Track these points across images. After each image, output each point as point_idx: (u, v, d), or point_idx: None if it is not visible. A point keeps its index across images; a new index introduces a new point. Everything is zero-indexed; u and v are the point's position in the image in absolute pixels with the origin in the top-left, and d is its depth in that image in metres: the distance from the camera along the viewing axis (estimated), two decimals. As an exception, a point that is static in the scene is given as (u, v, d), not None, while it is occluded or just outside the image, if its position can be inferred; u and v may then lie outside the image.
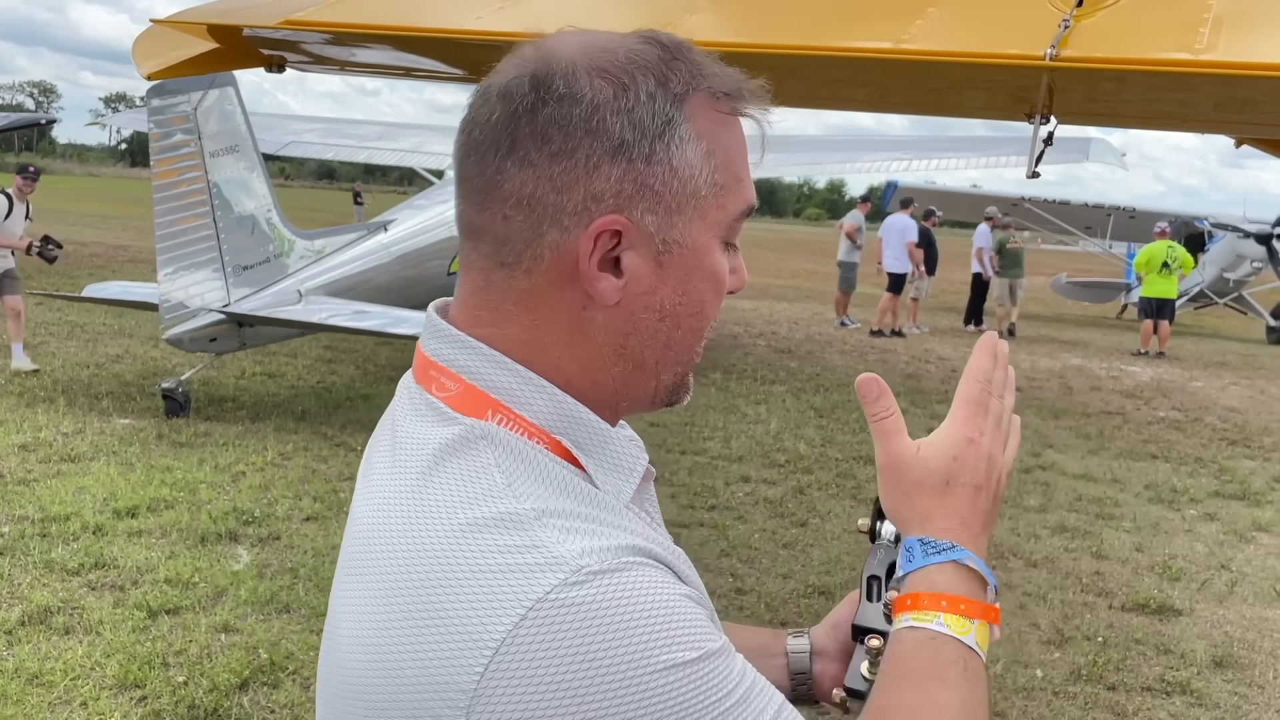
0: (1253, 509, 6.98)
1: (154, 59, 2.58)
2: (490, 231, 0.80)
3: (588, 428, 0.81)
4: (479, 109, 0.81)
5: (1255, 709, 4.13)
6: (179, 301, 7.32)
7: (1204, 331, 20.04)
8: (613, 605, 0.68)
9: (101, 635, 4.06)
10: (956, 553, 0.84)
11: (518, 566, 0.69)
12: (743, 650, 0.99)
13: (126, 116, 25.16)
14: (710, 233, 0.81)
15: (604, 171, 0.77)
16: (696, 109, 0.80)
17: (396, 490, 0.78)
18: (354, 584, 0.78)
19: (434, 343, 0.84)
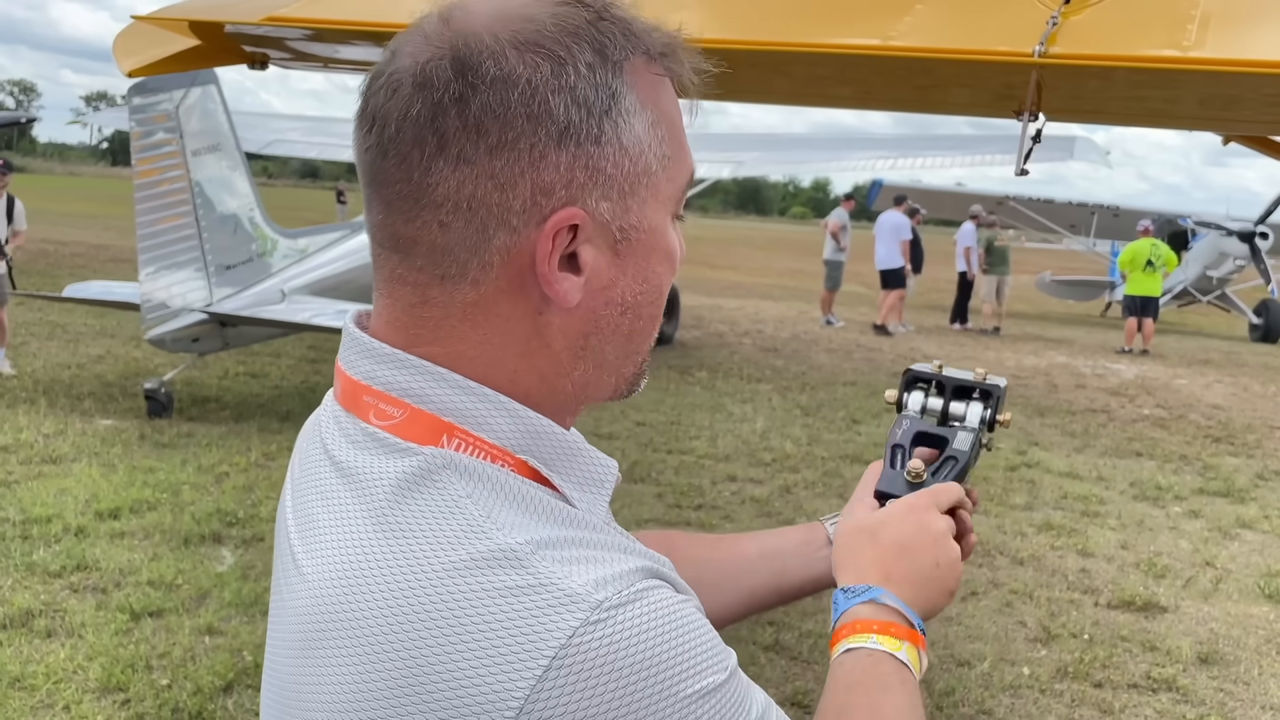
0: (1237, 506, 7.01)
1: (135, 56, 2.54)
2: (424, 242, 0.71)
3: (553, 441, 0.73)
4: (389, 101, 0.70)
5: (1241, 705, 4.15)
6: (161, 301, 7.27)
7: (1188, 329, 20.17)
8: (639, 641, 0.63)
9: (84, 638, 4.02)
10: (872, 592, 0.88)
11: (530, 610, 0.62)
12: (783, 553, 1.07)
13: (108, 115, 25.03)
14: (663, 210, 0.75)
15: (551, 160, 0.69)
16: (636, 75, 0.72)
17: (357, 538, 0.68)
18: (326, 656, 0.67)
19: (364, 364, 0.74)
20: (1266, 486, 7.60)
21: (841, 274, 16.30)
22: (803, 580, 1.05)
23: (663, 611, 0.65)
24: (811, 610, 4.72)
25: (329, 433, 0.76)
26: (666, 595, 0.66)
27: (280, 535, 0.79)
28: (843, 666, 0.84)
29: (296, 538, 0.74)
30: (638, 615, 0.63)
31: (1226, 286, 19.71)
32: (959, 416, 1.07)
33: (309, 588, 0.70)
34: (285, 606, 0.73)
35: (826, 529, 1.07)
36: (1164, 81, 1.87)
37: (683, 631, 0.65)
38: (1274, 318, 18.58)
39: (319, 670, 0.68)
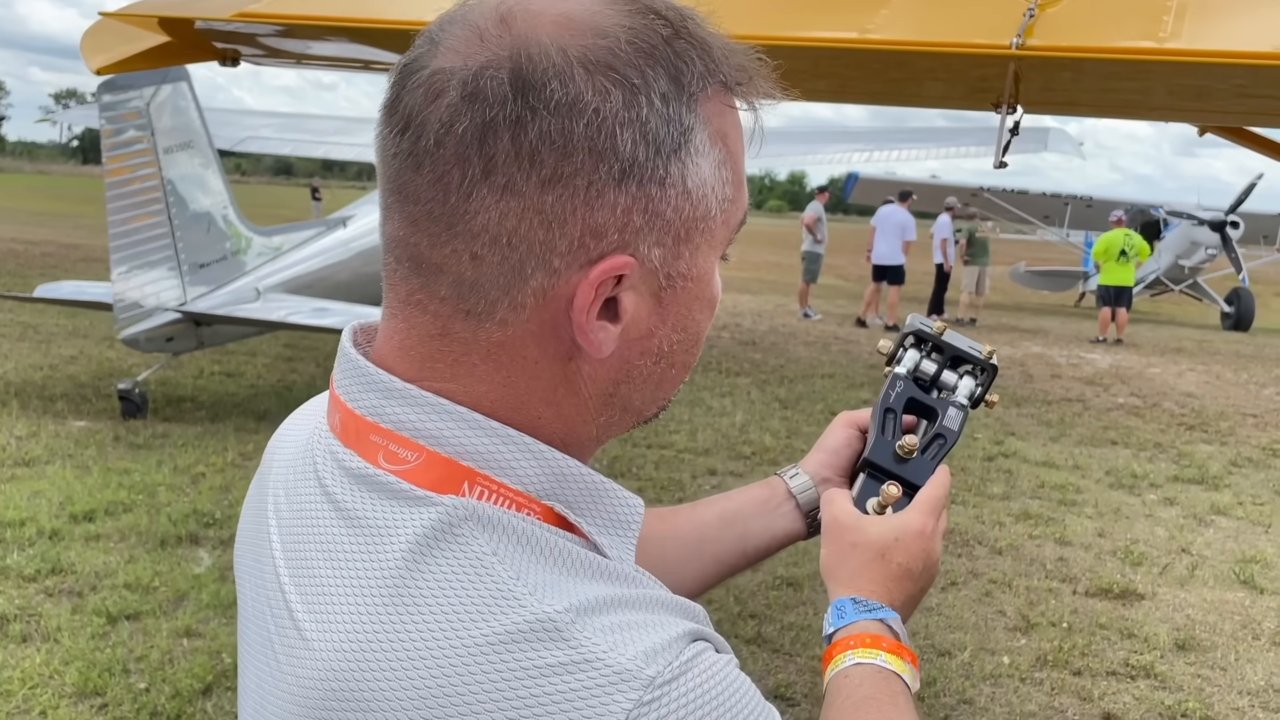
0: (1211, 493, 7.09)
1: (103, 53, 2.50)
2: (451, 271, 0.63)
3: (579, 484, 0.67)
4: (428, 106, 0.62)
5: (1218, 690, 4.19)
6: (134, 301, 7.19)
7: (1161, 318, 20.36)
8: (694, 716, 0.59)
9: (60, 642, 3.98)
10: (884, 612, 0.88)
11: (578, 692, 0.57)
12: (745, 515, 1.03)
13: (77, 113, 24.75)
14: (714, 255, 0.69)
15: (608, 200, 0.62)
16: (709, 106, 0.65)
17: (372, 606, 0.61)
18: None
19: (370, 398, 0.66)
20: (1240, 473, 7.69)
21: (819, 266, 16.33)
22: (768, 540, 1.03)
23: (713, 680, 0.61)
24: (793, 603, 4.74)
25: (327, 471, 0.68)
26: (712, 660, 0.63)
27: (260, 574, 0.72)
28: (850, 679, 0.82)
29: (294, 593, 0.66)
30: (691, 689, 0.59)
31: (1198, 275, 19.91)
32: (949, 386, 1.04)
33: (316, 658, 0.63)
34: (280, 669, 0.66)
35: (786, 482, 1.04)
36: (1140, 73, 1.88)
37: (734, 699, 0.62)
38: (1245, 306, 18.81)
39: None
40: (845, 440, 1.04)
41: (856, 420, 1.06)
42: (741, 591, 4.84)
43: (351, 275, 8.68)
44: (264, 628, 0.70)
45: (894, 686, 0.82)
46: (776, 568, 5.14)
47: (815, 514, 1.02)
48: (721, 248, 0.71)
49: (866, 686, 0.81)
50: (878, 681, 0.82)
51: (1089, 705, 4.01)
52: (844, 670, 0.83)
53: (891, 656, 0.83)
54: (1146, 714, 3.97)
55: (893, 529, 0.91)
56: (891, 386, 1.03)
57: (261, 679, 0.69)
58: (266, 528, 0.72)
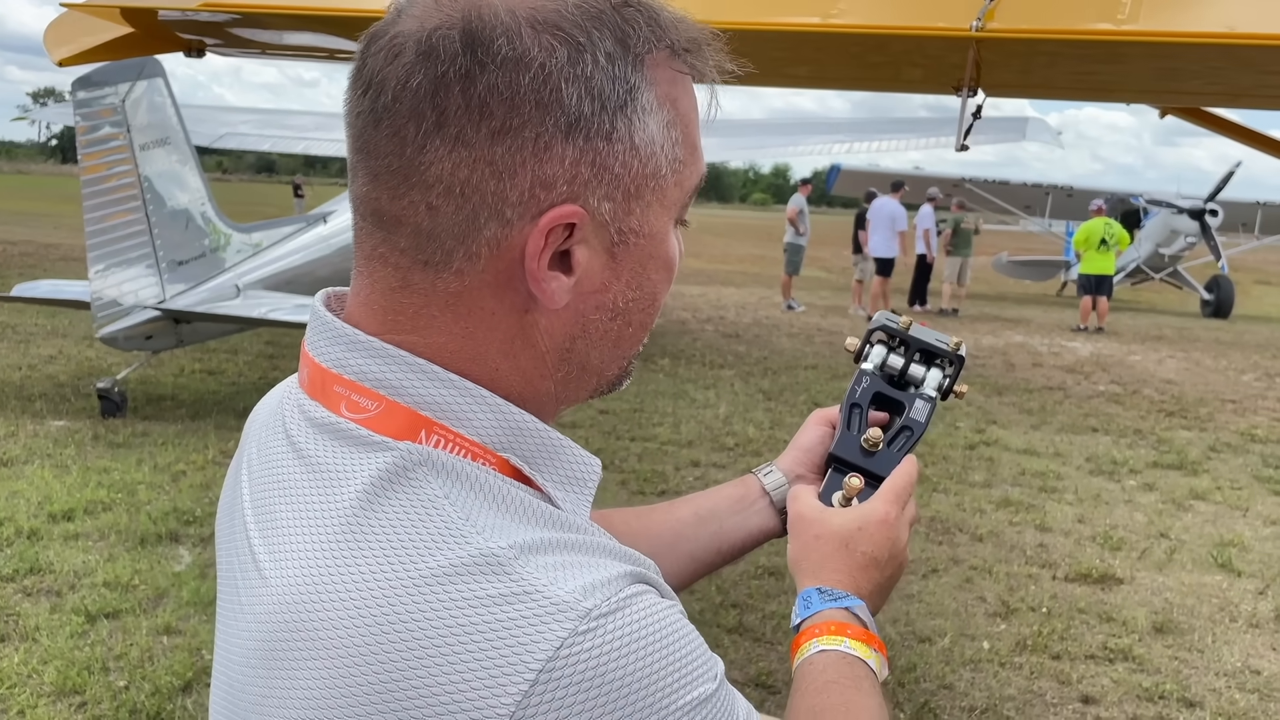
0: (1190, 478, 7.14)
1: (66, 45, 2.48)
2: (409, 223, 0.66)
3: (536, 439, 0.69)
4: (388, 66, 0.65)
5: (1195, 672, 4.23)
6: (112, 299, 7.15)
7: (1141, 306, 20.49)
8: (629, 650, 0.60)
9: (38, 642, 3.95)
10: (850, 600, 0.89)
11: (515, 620, 0.59)
12: (720, 513, 1.05)
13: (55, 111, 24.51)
14: (667, 215, 0.72)
15: (556, 152, 0.64)
16: (657, 70, 0.68)
17: (325, 541, 0.64)
18: (292, 668, 0.63)
19: (335, 350, 0.69)
20: (1218, 458, 7.74)
21: (802, 259, 16.36)
22: (742, 537, 1.05)
23: (652, 619, 0.62)
24: (774, 592, 4.75)
25: (294, 422, 0.71)
26: (654, 601, 0.64)
27: (232, 530, 0.75)
28: (814, 665, 0.84)
29: (257, 535, 0.69)
30: (627, 623, 0.60)
31: (1178, 263, 20.05)
32: (916, 380, 1.05)
33: (272, 592, 0.65)
34: (242, 609, 0.69)
35: (760, 480, 1.06)
36: (1099, 55, 1.89)
37: (672, 640, 0.62)
38: (1225, 293, 18.94)
39: (284, 682, 0.63)
40: (818, 438, 1.06)
41: (829, 417, 1.08)
42: (724, 581, 4.85)
43: (332, 271, 8.65)
44: (232, 579, 0.72)
45: (857, 671, 0.83)
46: (758, 557, 5.16)
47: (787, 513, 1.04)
48: (675, 209, 0.73)
49: (830, 671, 0.83)
50: (841, 666, 0.83)
51: (1068, 688, 4.04)
52: (809, 658, 0.85)
53: (856, 643, 0.85)
54: (1124, 696, 4.00)
55: (856, 519, 0.92)
56: (857, 382, 1.05)
57: (227, 626, 0.72)
58: (240, 486, 0.75)
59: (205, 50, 2.61)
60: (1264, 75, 2.14)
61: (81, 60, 2.55)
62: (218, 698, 0.73)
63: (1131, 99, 2.89)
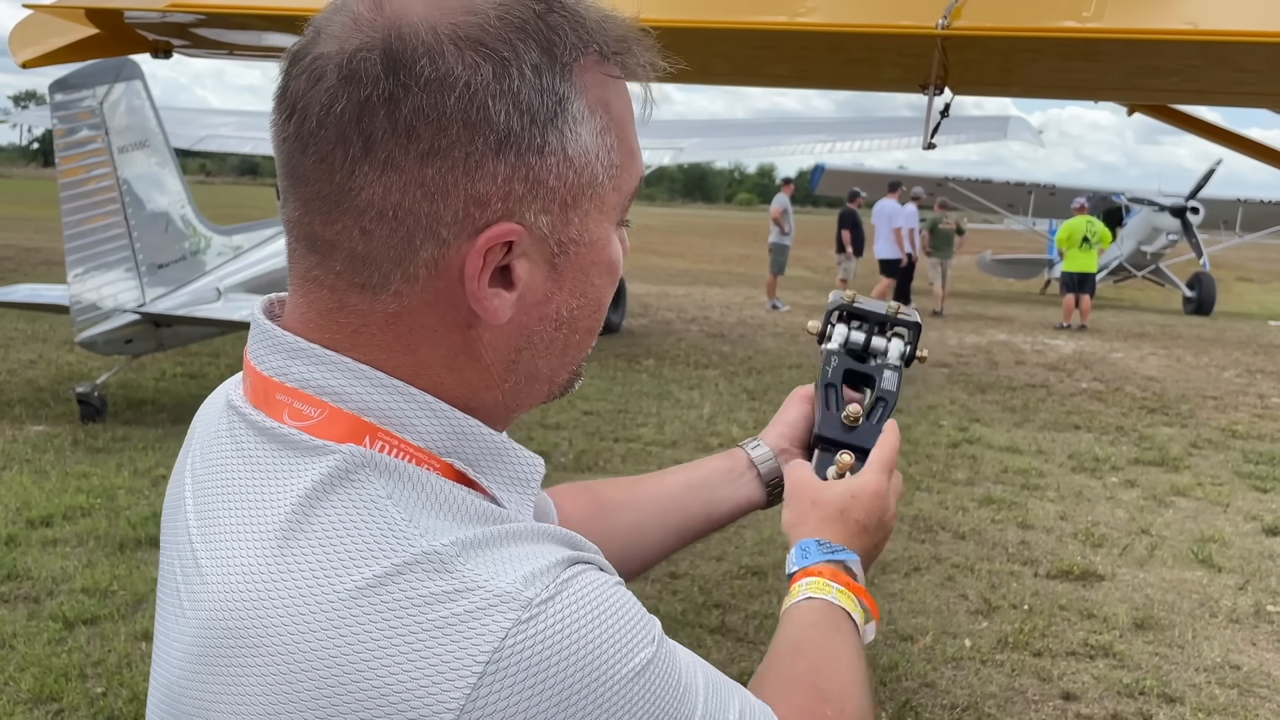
0: (1171, 474, 7.18)
1: (31, 47, 2.46)
2: (343, 247, 0.66)
3: (480, 443, 0.70)
4: (311, 90, 0.64)
5: (1175, 668, 4.25)
6: (91, 303, 7.10)
7: (1123, 304, 20.59)
8: (571, 632, 0.60)
9: (15, 649, 3.92)
10: (846, 555, 0.93)
11: (458, 615, 0.59)
12: (711, 483, 1.09)
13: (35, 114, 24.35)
14: (607, 221, 0.71)
15: (488, 170, 0.64)
16: (586, 76, 0.67)
17: (266, 543, 0.63)
18: (234, 670, 0.62)
19: (277, 359, 0.69)
20: (1199, 455, 7.79)
21: (786, 258, 16.39)
22: (730, 507, 1.08)
23: (588, 596, 0.63)
24: (758, 592, 4.75)
25: (238, 428, 0.71)
26: (590, 577, 0.64)
27: (175, 531, 0.74)
28: (800, 609, 0.87)
29: (199, 538, 0.69)
30: (565, 606, 0.61)
31: (1160, 261, 20.15)
32: (880, 351, 1.10)
33: (211, 594, 0.65)
34: (183, 611, 0.68)
35: (748, 453, 1.09)
36: (1065, 53, 1.90)
37: (610, 613, 0.63)
38: (1206, 290, 19.06)
39: (225, 684, 0.63)
40: (801, 414, 1.11)
41: (808, 394, 1.12)
42: (706, 581, 4.85)
43: (314, 274, 8.60)
44: (173, 580, 0.72)
45: (838, 617, 0.87)
46: (741, 557, 5.16)
47: (775, 483, 1.08)
48: (615, 213, 0.72)
49: (815, 614, 0.87)
50: (826, 612, 0.87)
51: (1049, 685, 4.05)
52: (796, 603, 0.88)
53: (844, 594, 0.88)
54: (1105, 693, 4.02)
55: (850, 489, 0.96)
56: (827, 363, 1.09)
57: (166, 627, 0.71)
58: (183, 488, 0.75)
59: (172, 51, 2.59)
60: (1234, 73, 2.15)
61: (47, 62, 2.53)
62: (156, 699, 0.72)
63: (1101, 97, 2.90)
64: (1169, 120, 2.64)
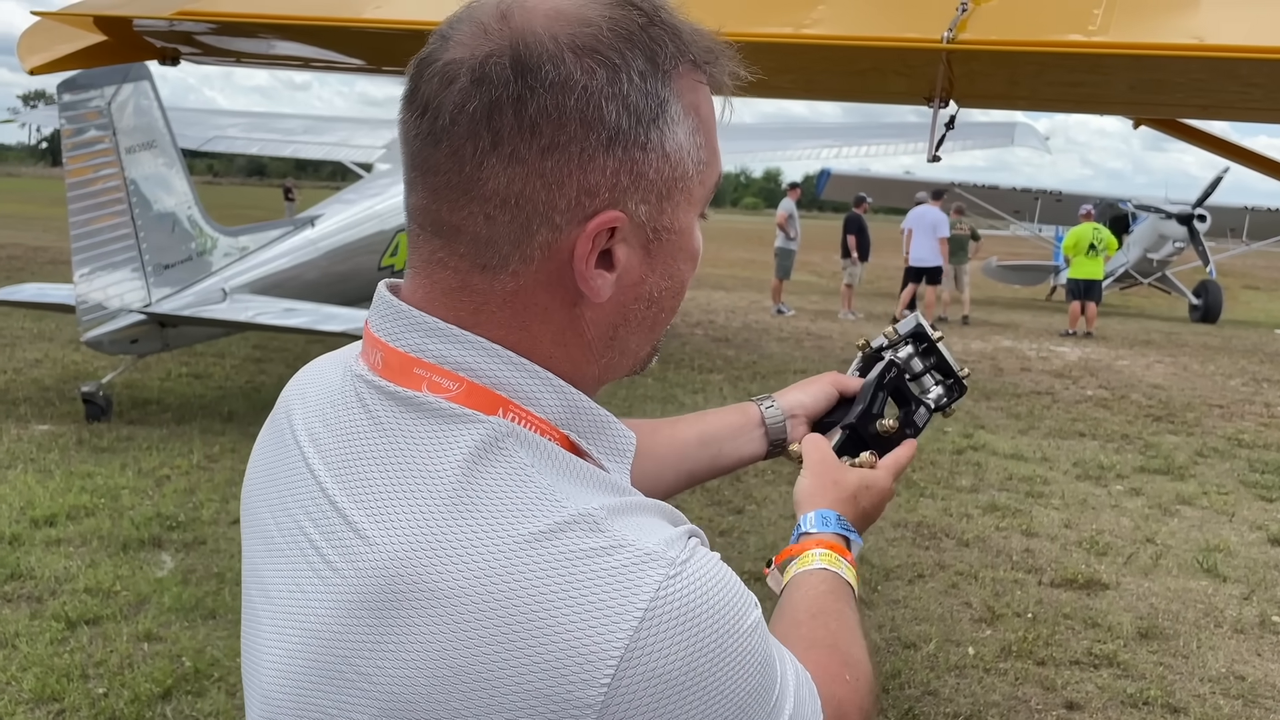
0: (1176, 483, 7.16)
1: (39, 53, 2.46)
2: (468, 231, 0.74)
3: (589, 416, 0.79)
4: (443, 91, 0.73)
5: (1180, 678, 4.24)
6: (97, 303, 7.12)
7: (1130, 311, 20.55)
8: (707, 590, 0.70)
9: (18, 649, 3.93)
10: (856, 536, 1.06)
11: (614, 569, 0.68)
12: (720, 438, 1.21)
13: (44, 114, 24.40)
14: (693, 211, 0.80)
15: (598, 163, 0.73)
16: (681, 83, 0.76)
17: (434, 506, 0.71)
18: (409, 622, 0.69)
19: (413, 337, 0.77)
20: (1205, 463, 7.77)
21: (792, 263, 16.37)
22: (735, 460, 1.21)
23: (712, 565, 0.72)
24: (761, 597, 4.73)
25: (373, 400, 0.77)
26: (707, 551, 0.74)
27: (294, 499, 0.79)
28: (816, 576, 0.98)
29: (349, 504, 0.74)
30: (700, 569, 0.70)
31: (1167, 268, 20.10)
32: (925, 388, 1.20)
33: (378, 553, 0.71)
34: (333, 571, 0.73)
35: (760, 410, 1.20)
36: (1070, 66, 1.89)
37: (728, 580, 0.72)
38: (1213, 298, 19.00)
39: (397, 633, 0.69)
40: (826, 395, 1.22)
41: (841, 384, 1.22)
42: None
43: (320, 274, 8.62)
44: (299, 548, 0.77)
45: (847, 593, 0.98)
46: (745, 562, 5.15)
47: (779, 440, 1.20)
48: (699, 205, 0.81)
49: (830, 583, 0.98)
50: (839, 586, 0.98)
51: (1052, 695, 4.04)
52: (812, 569, 0.99)
53: (850, 571, 1.00)
54: (1109, 703, 4.01)
55: (865, 479, 1.10)
56: (888, 369, 1.18)
57: (303, 590, 0.76)
58: (300, 460, 0.81)
59: (180, 58, 2.60)
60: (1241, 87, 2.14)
61: (54, 69, 2.53)
62: (295, 665, 0.75)
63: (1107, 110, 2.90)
64: (1175, 134, 2.64)
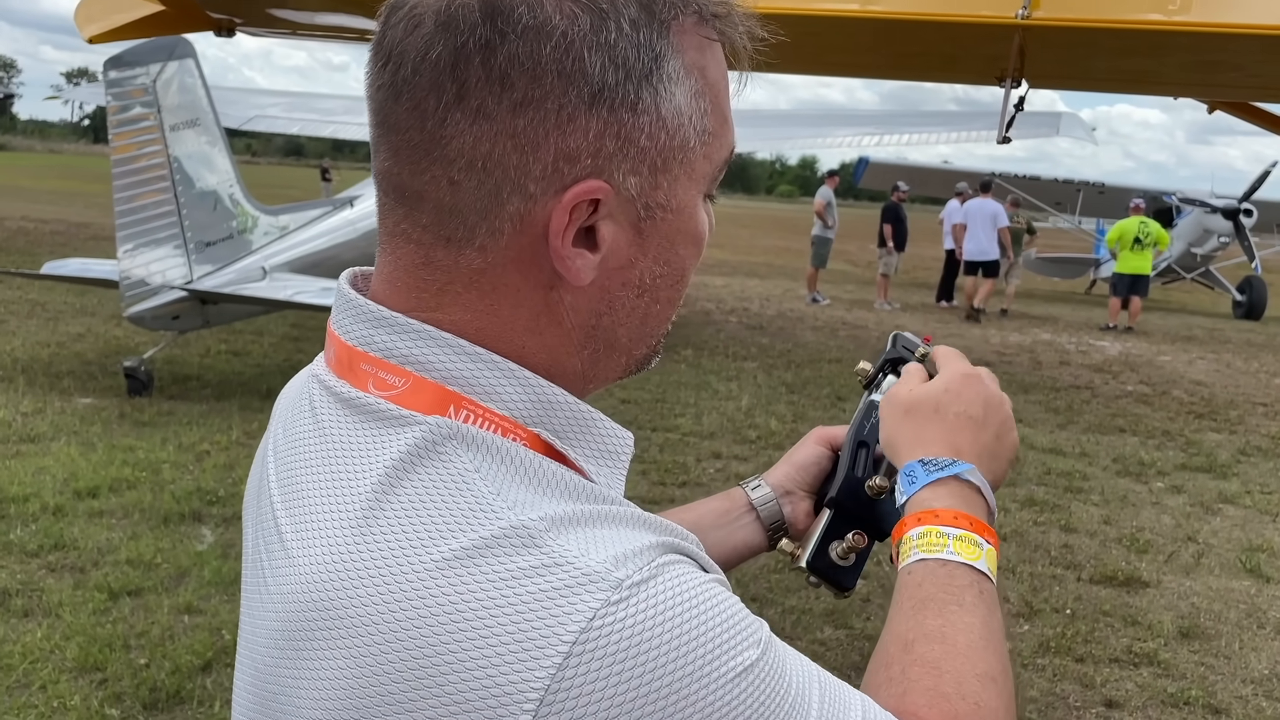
0: (1219, 481, 7.05)
1: (97, 23, 2.47)
2: (431, 199, 0.65)
3: (566, 412, 0.68)
4: (408, 37, 0.64)
5: (1221, 679, 4.17)
6: (140, 279, 7.19)
7: (1171, 306, 20.24)
8: (665, 619, 0.57)
9: (61, 617, 3.98)
10: (957, 467, 0.83)
11: (546, 592, 0.57)
12: (701, 527, 0.98)
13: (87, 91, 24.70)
14: (695, 189, 0.69)
15: (579, 124, 0.62)
16: (685, 37, 0.66)
17: (351, 519, 0.62)
18: (319, 649, 0.61)
19: (361, 328, 0.68)
20: (1248, 462, 7.64)
21: (828, 251, 16.26)
22: (726, 551, 1.00)
23: (685, 588, 0.59)
24: (794, 587, 4.72)
25: (320, 401, 0.69)
26: (687, 571, 0.61)
27: (259, 510, 0.73)
28: (912, 577, 0.79)
29: (284, 514, 0.68)
30: (660, 592, 0.58)
31: (1211, 263, 19.77)
32: None
33: (297, 572, 0.64)
34: (268, 590, 0.67)
35: (747, 494, 1.02)
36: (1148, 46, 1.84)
37: (708, 608, 0.59)
38: (1257, 294, 18.68)
39: (310, 664, 0.61)
40: (815, 458, 1.03)
41: (830, 438, 1.03)
42: (744, 574, 4.82)
43: (357, 255, 8.65)
44: (258, 559, 0.71)
45: (959, 580, 0.77)
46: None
47: (777, 526, 1.01)
48: (704, 182, 0.70)
49: (927, 586, 0.78)
50: (940, 578, 0.77)
51: (1091, 692, 3.99)
52: (907, 567, 0.80)
53: (962, 541, 0.79)
54: (1149, 701, 3.95)
55: (939, 384, 0.89)
56: (866, 416, 0.98)
57: (252, 607, 0.70)
58: (266, 466, 0.74)
59: (235, 30, 2.59)
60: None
61: (112, 38, 2.54)
62: (242, 680, 0.71)
63: (1177, 92, 2.83)
64: (1249, 117, 2.57)
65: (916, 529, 0.81)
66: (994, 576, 0.79)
